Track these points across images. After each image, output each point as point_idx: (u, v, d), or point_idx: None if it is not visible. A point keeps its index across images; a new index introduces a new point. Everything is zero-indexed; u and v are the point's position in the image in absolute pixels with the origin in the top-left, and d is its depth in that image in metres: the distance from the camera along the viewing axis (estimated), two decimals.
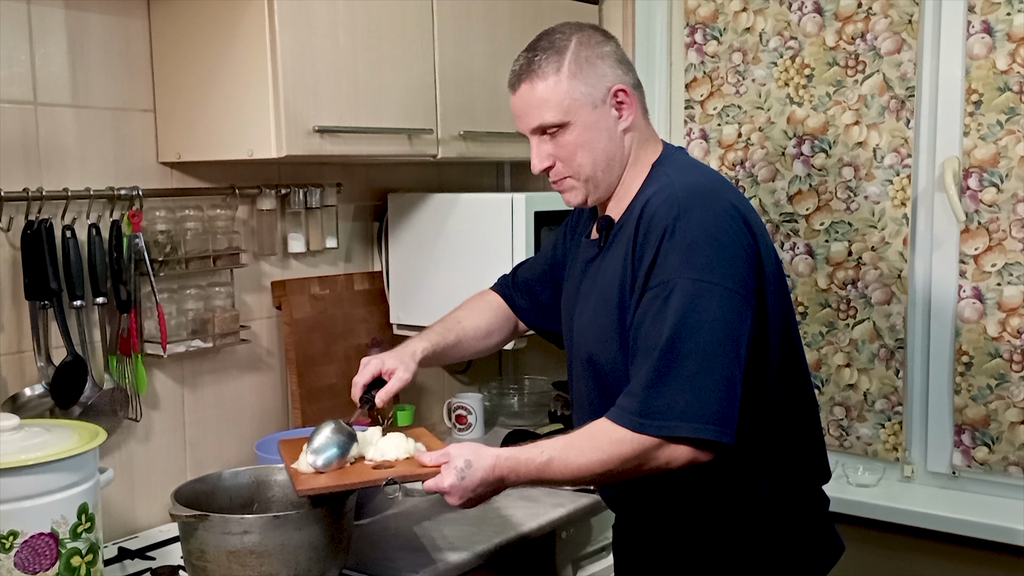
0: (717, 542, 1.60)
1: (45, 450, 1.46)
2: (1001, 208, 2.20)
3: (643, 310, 1.48)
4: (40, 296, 1.79)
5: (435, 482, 1.49)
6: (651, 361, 1.43)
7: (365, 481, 1.56)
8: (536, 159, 1.62)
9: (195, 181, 2.09)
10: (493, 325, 1.94)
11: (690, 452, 1.43)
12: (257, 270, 2.24)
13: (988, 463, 2.27)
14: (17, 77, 1.81)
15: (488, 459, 1.47)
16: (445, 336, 1.86)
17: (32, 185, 1.80)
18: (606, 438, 1.45)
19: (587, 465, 1.46)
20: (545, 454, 1.47)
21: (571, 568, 2.15)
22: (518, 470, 1.48)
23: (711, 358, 1.42)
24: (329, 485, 1.55)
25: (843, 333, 2.41)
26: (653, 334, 1.44)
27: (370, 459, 1.63)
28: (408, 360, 1.78)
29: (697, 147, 2.58)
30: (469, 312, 1.94)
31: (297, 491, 1.54)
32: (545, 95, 1.57)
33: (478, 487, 1.47)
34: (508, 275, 2.00)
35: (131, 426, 1.99)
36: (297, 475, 1.58)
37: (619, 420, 1.45)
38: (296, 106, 1.86)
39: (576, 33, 1.59)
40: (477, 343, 1.92)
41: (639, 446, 1.43)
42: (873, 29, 2.31)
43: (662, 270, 1.47)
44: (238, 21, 1.86)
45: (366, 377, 1.76)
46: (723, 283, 1.44)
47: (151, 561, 1.83)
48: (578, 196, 1.64)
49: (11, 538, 1.41)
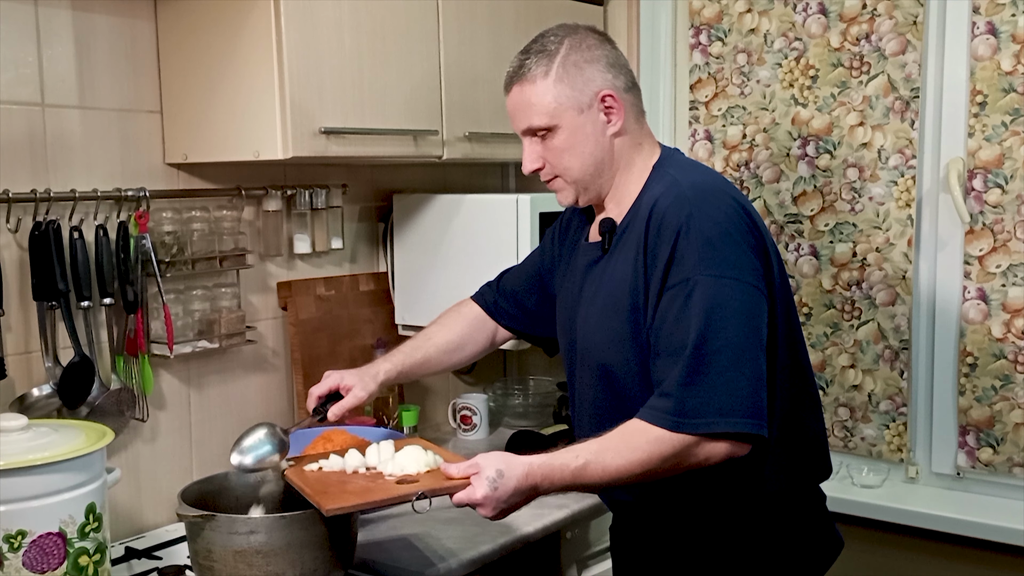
0: (719, 539, 1.61)
1: (53, 450, 1.47)
2: (1006, 209, 2.20)
3: (664, 310, 1.48)
4: (48, 297, 1.80)
5: (467, 494, 1.45)
6: (682, 360, 1.43)
7: (395, 497, 1.50)
8: (526, 160, 1.65)
9: (201, 182, 2.10)
10: (465, 338, 1.93)
11: (728, 447, 1.44)
12: (263, 271, 2.25)
13: (992, 464, 2.27)
14: (24, 78, 1.82)
15: (520, 467, 1.45)
16: (411, 355, 1.88)
17: (40, 186, 1.81)
18: (643, 438, 1.44)
19: (625, 467, 1.45)
20: (580, 458, 1.45)
21: (575, 569, 2.15)
22: (552, 476, 1.45)
23: (740, 353, 1.44)
24: (359, 503, 1.50)
25: (847, 334, 2.41)
26: (679, 333, 1.45)
27: (390, 474, 1.59)
28: (368, 380, 1.80)
29: (701, 148, 2.59)
30: (441, 328, 1.95)
31: (325, 511, 1.46)
32: (533, 98, 1.59)
33: (512, 496, 1.44)
34: (492, 282, 2.00)
35: (138, 426, 2.00)
36: (324, 495, 1.51)
37: (655, 420, 1.44)
38: (302, 107, 1.86)
39: (569, 37, 1.60)
40: (447, 357, 1.92)
41: (679, 444, 1.43)
42: (878, 30, 2.31)
43: (680, 269, 1.47)
44: (244, 23, 1.87)
45: (323, 389, 1.79)
46: (742, 278, 1.46)
47: (158, 561, 1.84)
48: (569, 196, 1.66)
49: (19, 537, 1.42)
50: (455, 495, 1.46)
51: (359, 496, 1.52)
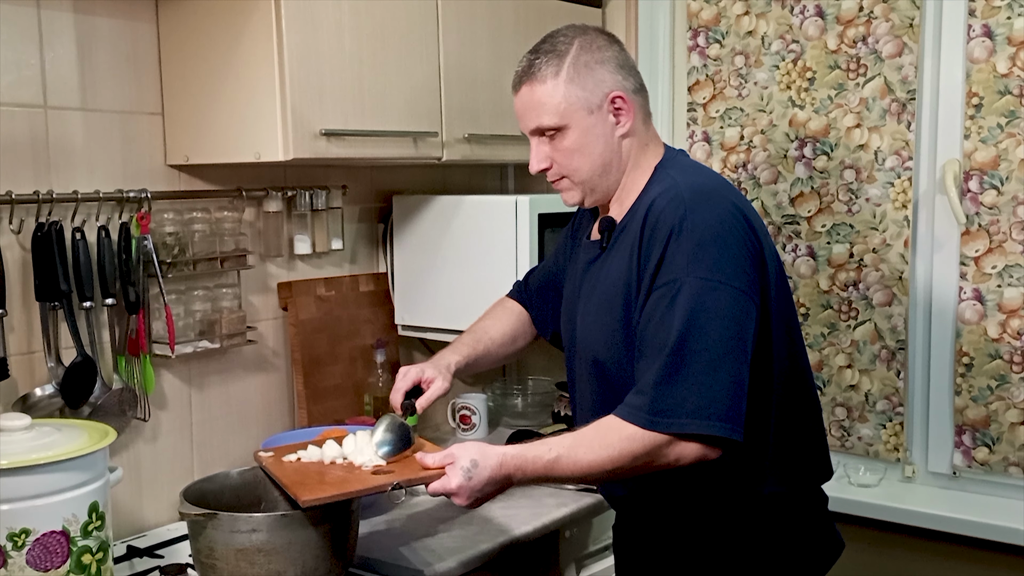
0: (720, 540, 1.62)
1: (56, 449, 1.48)
2: (1001, 210, 2.22)
3: (650, 309, 1.50)
4: (50, 297, 1.81)
5: (441, 484, 1.49)
6: (661, 359, 1.45)
7: (369, 488, 1.54)
8: (534, 160, 1.65)
9: (202, 184, 2.11)
10: (518, 331, 1.97)
11: (700, 449, 1.45)
12: (263, 271, 2.26)
13: (988, 463, 2.28)
14: (27, 81, 1.83)
15: (494, 457, 1.48)
16: (475, 347, 1.90)
17: (42, 188, 1.82)
18: (616, 435, 1.46)
19: (596, 462, 1.47)
20: (553, 451, 1.48)
21: (574, 568, 2.17)
22: (525, 468, 1.48)
23: (720, 356, 1.44)
24: (335, 494, 1.52)
25: (844, 334, 2.43)
26: (661, 333, 1.46)
27: (362, 464, 1.63)
28: (445, 371, 1.82)
29: (699, 149, 2.60)
30: (494, 321, 1.98)
31: (301, 502, 1.50)
32: (543, 98, 1.59)
33: (485, 486, 1.48)
34: (521, 282, 2.03)
35: (139, 426, 2.01)
36: (301, 486, 1.55)
37: (629, 417, 1.46)
38: (303, 110, 1.88)
39: (579, 37, 1.61)
40: (504, 349, 1.95)
41: (650, 443, 1.44)
42: (874, 33, 2.33)
43: (669, 269, 1.48)
44: (245, 25, 1.88)
45: (407, 384, 1.81)
46: (730, 282, 1.46)
47: (159, 559, 1.85)
48: (575, 196, 1.67)
49: (23, 536, 1.43)
50: (430, 484, 1.50)
51: (336, 487, 1.54)
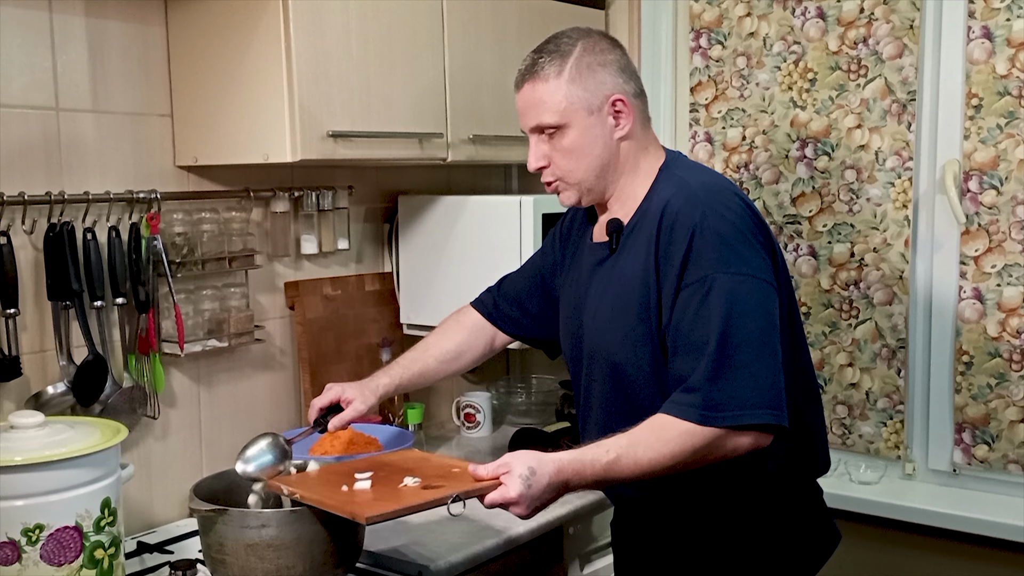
0: (719, 532, 1.64)
1: (69, 446, 1.50)
2: (1001, 210, 2.23)
3: (682, 307, 1.52)
4: (62, 297, 1.84)
5: (500, 494, 1.45)
6: (706, 356, 1.47)
7: (430, 501, 1.48)
8: (532, 157, 1.67)
9: (211, 184, 2.13)
10: (463, 346, 1.96)
11: (753, 438, 1.48)
12: (271, 271, 2.29)
13: (988, 461, 2.30)
14: (39, 83, 1.86)
15: (552, 464, 1.46)
16: (409, 368, 1.91)
17: (54, 189, 1.85)
18: (674, 431, 1.47)
19: (657, 459, 1.47)
20: (611, 453, 1.47)
21: (578, 563, 2.19)
22: (583, 472, 1.47)
23: (760, 347, 1.48)
24: (397, 509, 1.46)
25: (845, 333, 2.45)
26: (699, 330, 1.49)
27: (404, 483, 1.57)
28: (368, 394, 1.83)
29: (702, 150, 2.62)
30: (439, 337, 1.97)
31: (365, 520, 1.44)
32: (544, 96, 1.61)
33: (543, 493, 1.45)
34: (493, 288, 2.02)
35: (149, 423, 2.04)
36: (363, 504, 1.49)
37: (682, 414, 1.47)
38: (311, 111, 1.90)
39: (583, 39, 1.63)
40: (446, 366, 1.95)
41: (709, 437, 1.47)
42: (875, 34, 2.34)
43: (696, 267, 1.51)
44: (254, 28, 1.90)
45: (324, 401, 1.83)
46: (757, 274, 1.51)
47: (169, 555, 1.87)
48: (571, 197, 1.69)
49: (37, 531, 1.45)
50: (487, 496, 1.46)
51: (395, 503, 1.48)
